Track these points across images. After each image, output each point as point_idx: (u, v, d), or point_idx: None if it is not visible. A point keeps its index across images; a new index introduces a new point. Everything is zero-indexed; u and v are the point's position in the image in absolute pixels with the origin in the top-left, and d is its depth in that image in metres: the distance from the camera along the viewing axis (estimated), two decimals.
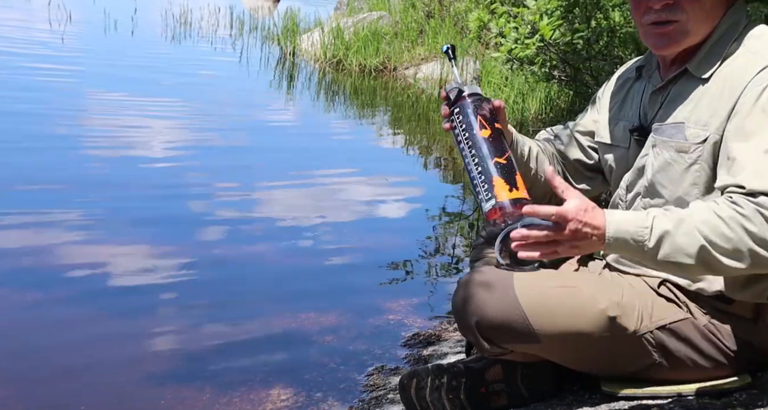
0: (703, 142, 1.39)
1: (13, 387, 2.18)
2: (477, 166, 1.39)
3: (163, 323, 2.68)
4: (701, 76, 1.43)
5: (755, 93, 1.33)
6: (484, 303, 1.47)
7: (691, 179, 1.41)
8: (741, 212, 1.23)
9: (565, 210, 1.27)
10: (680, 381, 1.49)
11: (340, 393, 2.29)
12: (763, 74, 1.34)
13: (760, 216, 1.22)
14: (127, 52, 8.74)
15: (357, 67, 9.10)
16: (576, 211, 1.27)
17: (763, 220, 1.21)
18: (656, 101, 1.53)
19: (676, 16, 1.41)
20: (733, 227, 1.23)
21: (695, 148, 1.40)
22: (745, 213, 1.22)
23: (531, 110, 6.46)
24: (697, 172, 1.41)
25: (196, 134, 5.46)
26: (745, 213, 1.22)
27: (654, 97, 1.54)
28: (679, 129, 1.43)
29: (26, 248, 3.15)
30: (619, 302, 1.46)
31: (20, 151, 4.44)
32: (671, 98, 1.49)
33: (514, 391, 1.65)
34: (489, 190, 1.36)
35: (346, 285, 3.16)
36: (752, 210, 1.22)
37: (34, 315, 2.62)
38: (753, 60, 1.37)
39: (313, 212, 4.04)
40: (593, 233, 1.28)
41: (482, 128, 1.43)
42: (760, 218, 1.22)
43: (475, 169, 1.39)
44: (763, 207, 1.22)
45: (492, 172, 1.37)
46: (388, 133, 6.56)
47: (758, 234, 1.21)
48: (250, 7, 14.20)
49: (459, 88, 1.50)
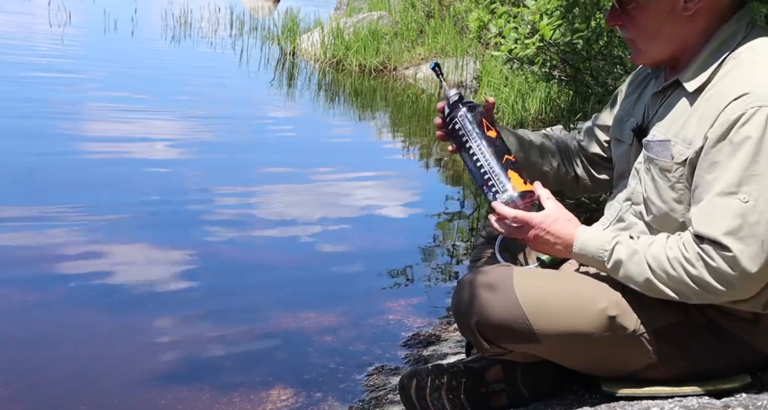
0: (684, 162, 1.38)
1: (13, 387, 2.18)
2: (488, 163, 1.53)
3: (163, 323, 2.68)
4: (690, 89, 1.41)
5: (727, 121, 1.30)
6: (484, 303, 1.47)
7: (677, 196, 1.41)
8: (685, 256, 1.33)
9: (529, 218, 1.47)
10: (680, 381, 1.49)
11: (340, 393, 2.29)
12: (739, 102, 1.30)
13: (701, 262, 1.31)
14: (127, 52, 8.74)
15: (357, 67, 9.10)
16: (542, 220, 1.47)
17: (704, 264, 1.31)
18: (655, 104, 1.53)
19: (628, 34, 1.49)
20: (676, 267, 1.33)
21: (677, 168, 1.40)
22: (688, 257, 1.32)
23: (531, 110, 6.45)
24: (681, 190, 1.40)
25: (195, 134, 5.46)
26: (688, 257, 1.32)
27: (654, 99, 1.54)
28: (665, 147, 1.42)
29: (26, 248, 3.15)
30: (618, 302, 1.46)
31: (20, 152, 4.44)
32: (665, 106, 1.48)
33: (514, 391, 1.65)
34: (504, 183, 1.51)
35: (346, 285, 3.16)
36: (695, 254, 1.32)
37: (34, 315, 2.62)
38: (737, 81, 1.33)
39: (314, 212, 4.05)
40: (557, 242, 1.47)
41: (488, 130, 1.57)
42: (701, 263, 1.31)
43: (487, 165, 1.53)
44: (705, 253, 1.30)
45: (506, 168, 1.52)
46: (388, 133, 6.56)
47: (698, 277, 1.32)
48: (250, 7, 14.20)
49: (459, 95, 1.62)
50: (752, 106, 1.28)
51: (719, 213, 1.30)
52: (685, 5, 1.39)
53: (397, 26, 10.07)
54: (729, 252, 1.28)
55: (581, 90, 5.39)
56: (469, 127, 1.58)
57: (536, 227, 1.47)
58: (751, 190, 1.28)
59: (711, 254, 1.29)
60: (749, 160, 1.28)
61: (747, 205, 1.28)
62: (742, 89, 1.31)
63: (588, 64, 4.88)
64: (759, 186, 1.28)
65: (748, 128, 1.28)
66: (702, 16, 1.41)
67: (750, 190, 1.28)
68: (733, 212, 1.28)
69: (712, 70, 1.39)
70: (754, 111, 1.28)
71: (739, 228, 1.28)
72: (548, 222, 1.47)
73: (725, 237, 1.28)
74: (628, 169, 1.59)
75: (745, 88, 1.31)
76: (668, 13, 1.40)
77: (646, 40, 1.46)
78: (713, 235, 1.29)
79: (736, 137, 1.29)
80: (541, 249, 1.51)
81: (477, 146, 1.56)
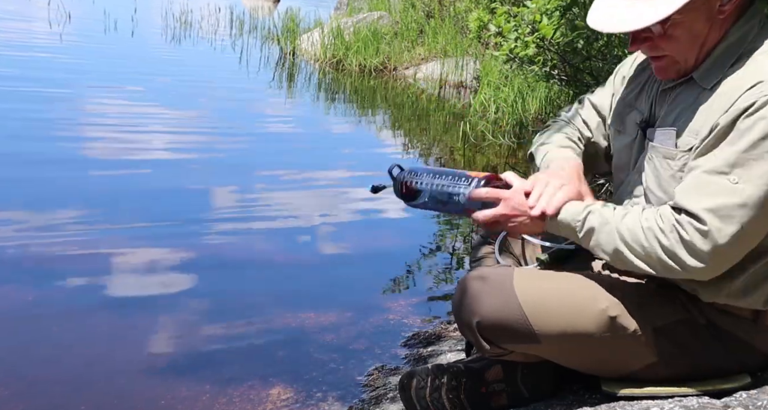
0: (689, 150, 1.38)
1: (13, 387, 2.18)
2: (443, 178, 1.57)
3: (163, 323, 2.69)
4: (705, 86, 1.40)
5: (738, 109, 1.30)
6: (483, 303, 1.47)
7: (677, 186, 1.39)
8: (660, 225, 1.33)
9: (500, 192, 1.48)
10: (680, 381, 1.49)
11: (340, 392, 2.29)
12: (753, 91, 1.30)
13: (676, 233, 1.31)
14: (127, 52, 8.74)
15: (357, 67, 9.10)
16: (513, 192, 1.48)
17: (677, 236, 1.31)
18: (664, 100, 1.51)
19: (662, 52, 1.42)
20: (649, 238, 1.34)
21: (681, 156, 1.39)
22: (663, 227, 1.33)
23: (531, 110, 6.46)
24: (681, 179, 1.39)
25: (195, 134, 5.46)
26: (662, 227, 1.33)
27: (663, 96, 1.52)
28: (669, 135, 1.42)
29: (26, 248, 3.15)
30: (618, 302, 1.46)
31: (19, 152, 4.44)
32: (675, 102, 1.47)
33: (514, 391, 1.65)
34: (465, 177, 1.55)
35: (346, 285, 3.16)
36: (670, 225, 1.32)
37: (34, 315, 2.62)
38: (751, 73, 1.34)
39: (314, 212, 4.05)
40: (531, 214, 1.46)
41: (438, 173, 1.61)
42: (675, 234, 1.31)
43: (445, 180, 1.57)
44: (680, 224, 1.31)
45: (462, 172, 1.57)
46: (388, 133, 6.56)
47: (669, 248, 1.32)
48: (250, 7, 14.20)
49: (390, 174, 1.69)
50: (765, 93, 1.28)
51: (704, 189, 1.30)
52: (720, 9, 1.37)
53: (397, 26, 10.07)
54: (704, 225, 1.28)
55: (581, 90, 5.39)
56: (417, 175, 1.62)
57: (509, 199, 1.47)
58: (743, 173, 1.28)
59: (686, 227, 1.30)
60: (750, 144, 1.28)
61: (736, 186, 1.28)
62: (755, 78, 1.31)
63: (588, 63, 4.88)
64: (752, 172, 1.28)
65: (757, 115, 1.28)
66: (732, 16, 1.40)
67: (742, 173, 1.28)
68: (718, 189, 1.29)
69: (727, 67, 1.38)
70: (766, 99, 1.28)
71: (722, 206, 1.28)
72: (518, 196, 1.47)
73: (704, 212, 1.28)
74: (629, 161, 1.58)
75: (759, 77, 1.31)
76: (706, 20, 1.37)
77: (684, 52, 1.41)
78: (692, 208, 1.29)
79: (743, 123, 1.29)
80: (518, 227, 1.50)
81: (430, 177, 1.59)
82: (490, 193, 1.49)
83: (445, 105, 7.70)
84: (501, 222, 1.51)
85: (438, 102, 7.87)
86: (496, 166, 5.53)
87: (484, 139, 5.98)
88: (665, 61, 1.44)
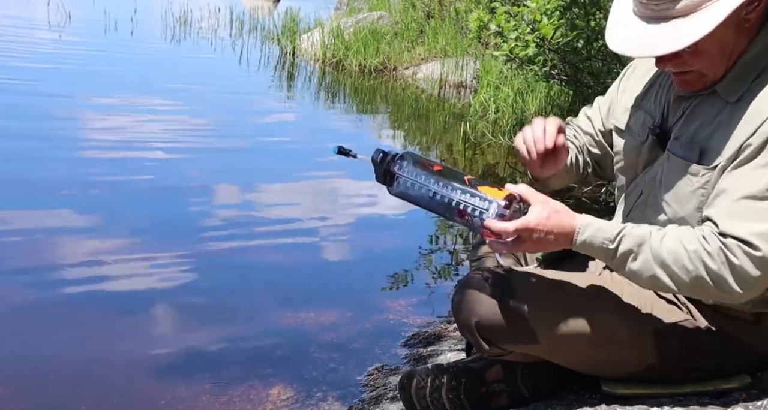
0: (713, 168, 1.34)
1: (13, 387, 2.18)
2: (455, 193, 1.40)
3: (163, 323, 2.69)
4: (729, 99, 1.36)
5: None
6: (483, 303, 1.47)
7: (696, 203, 1.37)
8: (707, 248, 1.28)
9: (526, 222, 1.34)
10: (680, 381, 1.49)
11: (340, 392, 2.29)
12: None
13: (723, 256, 1.26)
14: (127, 52, 8.73)
15: (357, 67, 9.10)
16: (538, 220, 1.34)
17: (725, 259, 1.26)
18: (679, 107, 1.47)
19: (691, 68, 1.36)
20: (695, 261, 1.28)
21: (705, 173, 1.36)
22: (710, 251, 1.27)
23: (531, 110, 6.45)
24: (702, 196, 1.36)
25: (195, 134, 5.45)
26: (709, 251, 1.27)
27: (678, 102, 1.48)
28: (693, 150, 1.38)
29: (26, 248, 3.15)
30: (619, 302, 1.46)
31: (18, 152, 4.44)
32: (695, 112, 1.43)
33: (514, 391, 1.65)
34: (483, 198, 1.38)
35: (346, 284, 3.16)
36: (717, 248, 1.27)
37: (34, 315, 2.62)
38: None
39: (314, 212, 4.05)
40: (558, 237, 1.36)
41: (432, 166, 1.45)
42: (722, 257, 1.26)
43: (455, 196, 1.40)
44: (728, 249, 1.26)
45: (474, 187, 1.40)
46: (388, 132, 6.56)
47: (716, 272, 1.27)
48: (250, 7, 14.19)
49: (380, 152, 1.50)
50: None
51: (748, 215, 1.26)
52: (746, 17, 1.32)
53: (397, 26, 10.07)
54: (758, 251, 1.24)
55: (581, 90, 5.39)
56: (415, 175, 1.45)
57: (535, 230, 1.35)
58: None
59: (735, 251, 1.25)
60: None
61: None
62: None
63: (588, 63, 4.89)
64: None
65: None
66: (755, 27, 1.36)
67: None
68: (764, 215, 1.26)
69: (751, 80, 1.35)
70: None
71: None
72: (544, 221, 1.36)
73: (755, 237, 1.24)
74: (636, 163, 1.56)
75: None
76: (735, 32, 1.33)
77: (714, 65, 1.36)
78: (740, 234, 1.25)
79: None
80: (544, 249, 1.43)
81: (434, 185, 1.42)
82: (518, 228, 1.35)
83: (445, 105, 7.70)
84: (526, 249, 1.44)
85: (438, 102, 7.87)
86: (496, 165, 5.54)
87: (484, 138, 5.98)
88: (692, 76, 1.39)
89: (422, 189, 1.44)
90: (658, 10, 1.30)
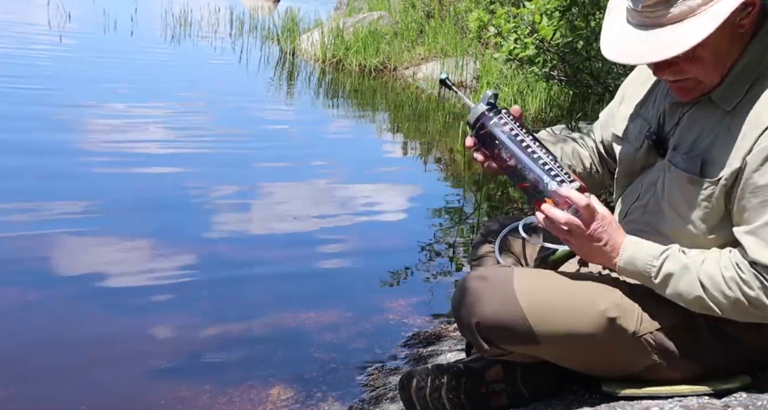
0: (717, 181, 1.35)
1: (13, 387, 2.18)
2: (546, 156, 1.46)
3: (163, 323, 2.69)
4: (725, 107, 1.36)
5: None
6: (483, 303, 1.47)
7: (700, 214, 1.39)
8: (742, 276, 1.32)
9: (595, 211, 1.39)
10: (680, 381, 1.49)
11: (340, 392, 2.29)
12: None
13: (758, 281, 1.31)
14: (127, 52, 8.73)
15: (357, 67, 9.10)
16: (604, 216, 1.40)
17: (760, 284, 1.31)
18: (675, 113, 1.48)
19: (688, 75, 1.36)
20: (732, 287, 1.33)
21: (707, 186, 1.36)
22: (745, 279, 1.32)
23: (531, 110, 6.45)
24: (707, 208, 1.38)
25: (195, 135, 5.45)
26: (744, 279, 1.32)
27: (674, 109, 1.48)
28: (694, 162, 1.38)
29: (26, 248, 3.15)
30: (618, 303, 1.46)
31: (18, 151, 4.44)
32: (692, 122, 1.43)
33: (514, 391, 1.65)
34: (568, 174, 1.44)
35: (346, 284, 3.16)
36: (752, 275, 1.32)
37: (34, 315, 2.62)
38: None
39: (314, 212, 4.05)
40: (609, 244, 1.41)
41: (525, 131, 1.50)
42: (757, 283, 1.31)
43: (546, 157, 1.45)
44: (762, 276, 1.31)
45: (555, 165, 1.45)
46: (387, 133, 6.56)
47: (754, 297, 1.32)
48: (250, 7, 14.19)
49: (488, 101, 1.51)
50: None
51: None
52: (740, 23, 1.32)
53: (397, 26, 10.07)
54: None
55: (581, 90, 5.39)
56: (519, 125, 1.50)
57: (598, 221, 1.38)
58: None
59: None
60: None
61: None
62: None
63: (587, 64, 4.89)
64: None
65: None
66: (749, 31, 1.35)
67: None
68: None
69: (746, 87, 1.34)
70: None
71: None
72: (608, 222, 1.40)
73: None
74: (632, 170, 1.58)
75: None
76: (729, 38, 1.32)
77: (711, 73, 1.35)
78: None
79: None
80: (586, 249, 1.43)
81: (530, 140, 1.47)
82: (590, 206, 1.38)
83: (445, 105, 7.70)
84: (568, 233, 1.41)
85: (438, 102, 7.87)
86: None
87: None
88: (688, 83, 1.38)
89: (518, 137, 1.48)
90: (653, 17, 1.29)
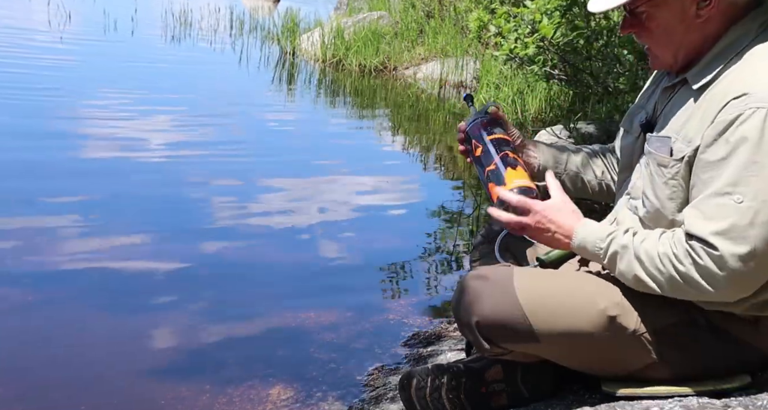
0: (681, 159, 1.38)
1: (13, 387, 2.18)
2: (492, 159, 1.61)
3: (163, 323, 2.69)
4: (695, 87, 1.41)
5: (724, 121, 1.30)
6: (483, 303, 1.47)
7: (669, 193, 1.41)
8: (674, 252, 1.34)
9: (532, 204, 1.49)
10: (680, 381, 1.49)
11: (340, 392, 2.29)
12: (738, 102, 1.30)
13: (689, 259, 1.32)
14: (127, 52, 8.73)
15: (357, 67, 9.10)
16: (545, 207, 1.48)
17: (692, 262, 1.31)
18: (664, 99, 1.52)
19: (644, 42, 1.49)
20: (665, 263, 1.34)
21: (674, 165, 1.39)
22: (677, 254, 1.33)
23: (531, 110, 6.45)
24: (674, 187, 1.40)
25: (195, 134, 5.46)
26: (677, 254, 1.33)
27: (663, 95, 1.53)
28: (665, 142, 1.42)
29: (26, 248, 3.15)
30: (618, 302, 1.46)
31: (18, 151, 4.44)
32: (672, 102, 1.48)
33: (514, 391, 1.65)
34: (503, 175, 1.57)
35: (346, 284, 3.16)
36: (683, 251, 1.33)
37: (34, 315, 2.62)
38: (737, 81, 1.33)
39: (314, 212, 4.05)
40: (557, 231, 1.48)
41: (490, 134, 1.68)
42: (689, 260, 1.32)
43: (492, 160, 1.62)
44: (693, 250, 1.31)
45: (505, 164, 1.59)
46: (387, 133, 6.56)
47: (686, 274, 1.32)
48: (250, 7, 14.19)
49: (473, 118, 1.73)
50: (750, 106, 1.28)
51: (711, 213, 1.30)
52: (697, 12, 1.38)
53: (397, 26, 10.07)
54: (716, 251, 1.28)
55: (581, 90, 5.39)
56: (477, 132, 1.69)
57: (538, 213, 1.48)
58: (746, 190, 1.28)
59: (699, 252, 1.30)
60: (746, 160, 1.28)
61: (741, 205, 1.28)
62: (741, 89, 1.31)
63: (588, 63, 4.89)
64: (755, 187, 1.27)
65: (745, 128, 1.28)
66: (715, 21, 1.39)
67: (745, 190, 1.28)
68: (725, 212, 1.28)
69: (717, 69, 1.38)
70: (751, 112, 1.28)
71: (730, 228, 1.28)
72: (551, 211, 1.48)
73: (714, 237, 1.28)
74: (630, 162, 1.59)
75: (745, 88, 1.31)
76: (680, 21, 1.39)
77: (660, 47, 1.46)
78: (702, 234, 1.29)
79: (733, 137, 1.29)
80: (542, 238, 1.52)
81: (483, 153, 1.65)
82: (520, 202, 1.50)
83: (445, 105, 7.70)
84: (520, 229, 1.53)
85: (438, 102, 7.87)
86: None
87: None
88: (649, 52, 1.50)
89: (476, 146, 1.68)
90: None
